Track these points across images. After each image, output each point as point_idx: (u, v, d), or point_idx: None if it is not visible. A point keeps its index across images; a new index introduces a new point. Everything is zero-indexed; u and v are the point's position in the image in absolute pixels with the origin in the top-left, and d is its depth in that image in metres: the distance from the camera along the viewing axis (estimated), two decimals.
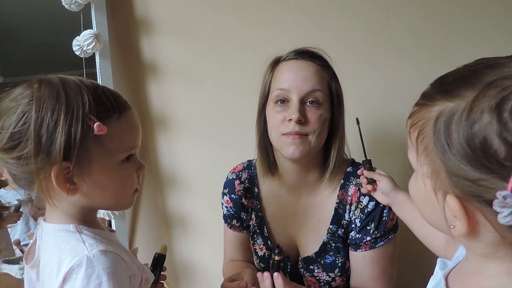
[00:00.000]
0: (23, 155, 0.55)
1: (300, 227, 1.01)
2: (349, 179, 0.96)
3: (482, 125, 0.39)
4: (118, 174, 0.62)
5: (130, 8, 1.41)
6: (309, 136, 0.89)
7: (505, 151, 0.38)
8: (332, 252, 0.97)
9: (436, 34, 1.33)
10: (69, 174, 0.57)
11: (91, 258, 0.55)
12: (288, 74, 0.91)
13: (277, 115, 0.90)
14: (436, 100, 0.44)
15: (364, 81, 1.34)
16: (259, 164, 1.00)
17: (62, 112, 0.55)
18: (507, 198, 0.37)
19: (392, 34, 1.34)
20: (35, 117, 0.55)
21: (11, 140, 0.56)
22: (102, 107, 0.59)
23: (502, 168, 0.38)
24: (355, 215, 0.94)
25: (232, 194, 1.06)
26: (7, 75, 1.57)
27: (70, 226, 0.60)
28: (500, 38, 1.32)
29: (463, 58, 0.48)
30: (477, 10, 1.33)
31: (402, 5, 1.33)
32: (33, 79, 0.59)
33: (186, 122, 1.43)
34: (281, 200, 1.02)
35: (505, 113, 0.38)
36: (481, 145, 0.39)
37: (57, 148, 0.54)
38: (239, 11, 1.39)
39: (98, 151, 0.58)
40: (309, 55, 0.92)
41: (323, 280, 0.99)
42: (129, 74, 1.43)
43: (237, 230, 1.08)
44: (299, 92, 0.88)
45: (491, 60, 0.43)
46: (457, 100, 0.41)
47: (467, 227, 0.42)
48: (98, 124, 0.56)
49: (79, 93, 0.57)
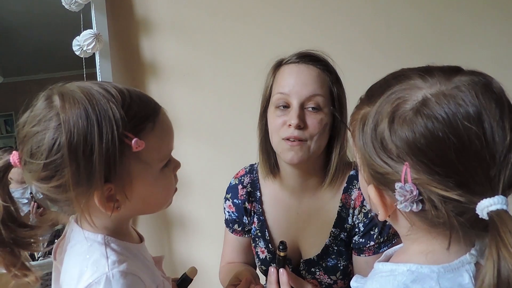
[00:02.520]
0: (62, 184, 0.52)
1: (302, 230, 1.01)
2: (352, 182, 0.95)
3: (381, 128, 0.46)
4: (159, 182, 0.60)
5: (130, 8, 1.41)
6: (308, 141, 0.88)
7: (395, 150, 0.45)
8: (334, 255, 0.96)
9: (436, 35, 1.33)
10: (112, 193, 0.55)
11: (110, 278, 0.53)
12: (288, 78, 0.90)
13: (277, 119, 0.89)
14: (364, 104, 0.52)
15: (363, 82, 1.34)
16: (261, 166, 1.00)
17: (96, 135, 0.51)
18: (401, 188, 0.44)
19: (392, 35, 1.34)
20: (67, 145, 0.50)
21: (47, 170, 0.52)
22: (135, 120, 0.55)
23: (396, 163, 0.45)
24: (358, 219, 0.93)
25: (235, 199, 1.05)
26: (7, 75, 1.57)
27: (99, 236, 0.58)
28: (500, 39, 1.33)
29: (463, 58, 0.49)
30: (476, 10, 1.33)
31: (402, 7, 1.33)
32: (51, 92, 0.54)
33: (186, 122, 1.43)
34: (283, 204, 1.02)
35: (395, 119, 0.45)
36: (381, 145, 0.46)
37: (97, 173, 0.51)
38: (239, 11, 1.39)
39: (137, 166, 0.56)
40: (310, 59, 0.91)
41: (325, 283, 0.99)
42: (129, 74, 1.43)
43: (239, 234, 1.08)
44: (299, 97, 0.87)
45: (401, 72, 0.50)
46: (372, 106, 0.49)
47: (384, 213, 0.50)
48: (136, 140, 0.53)
49: (109, 109, 0.52)
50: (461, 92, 0.43)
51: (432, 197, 0.43)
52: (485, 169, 0.42)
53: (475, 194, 0.42)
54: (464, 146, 0.42)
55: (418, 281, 0.46)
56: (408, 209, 0.45)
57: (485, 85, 0.44)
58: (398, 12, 1.33)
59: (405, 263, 0.49)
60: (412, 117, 0.44)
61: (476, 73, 0.46)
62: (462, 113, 0.42)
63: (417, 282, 0.46)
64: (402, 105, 0.45)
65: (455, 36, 1.32)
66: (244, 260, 1.10)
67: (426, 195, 0.44)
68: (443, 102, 0.43)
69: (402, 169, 0.44)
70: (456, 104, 0.42)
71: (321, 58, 0.93)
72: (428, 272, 0.47)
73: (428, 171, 0.43)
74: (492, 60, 1.32)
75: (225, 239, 1.13)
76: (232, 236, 1.09)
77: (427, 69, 0.48)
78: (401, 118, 0.44)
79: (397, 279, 0.48)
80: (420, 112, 0.43)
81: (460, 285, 0.46)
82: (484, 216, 0.41)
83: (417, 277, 0.47)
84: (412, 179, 0.44)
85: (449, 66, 0.48)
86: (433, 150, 0.43)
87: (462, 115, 0.42)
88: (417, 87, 0.45)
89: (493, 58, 1.32)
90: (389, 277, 0.49)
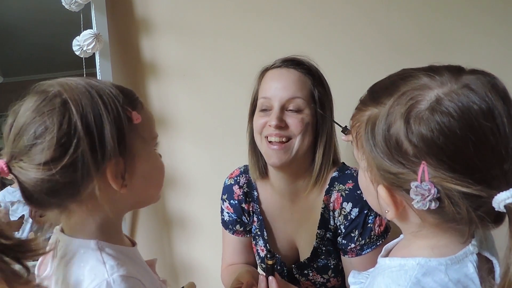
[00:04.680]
0: (76, 159, 0.51)
1: (297, 231, 1.01)
2: (333, 184, 0.95)
3: (395, 128, 0.47)
4: (156, 162, 0.63)
5: (130, 8, 1.41)
6: (292, 139, 0.90)
7: (412, 150, 0.46)
8: (323, 256, 0.97)
9: (427, 39, 1.34)
10: (121, 168, 0.55)
11: (111, 283, 0.51)
12: (270, 82, 0.93)
13: (259, 119, 0.93)
14: (368, 106, 0.52)
15: (367, 76, 1.34)
16: (251, 169, 1.02)
17: (102, 107, 0.53)
18: (418, 188, 0.45)
19: (394, 28, 1.35)
20: (79, 116, 0.51)
21: (58, 146, 0.50)
22: (128, 98, 0.58)
23: (412, 163, 0.46)
24: (339, 221, 0.94)
25: (231, 200, 1.06)
26: (7, 75, 1.56)
27: (91, 242, 0.56)
28: (492, 42, 1.33)
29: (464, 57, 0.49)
30: (467, 15, 1.35)
31: (392, 11, 1.35)
32: (40, 86, 0.54)
33: (186, 122, 1.43)
34: (278, 205, 1.02)
35: (411, 119, 0.45)
36: (395, 145, 0.47)
37: (110, 142, 0.52)
38: (239, 11, 1.39)
39: (138, 141, 0.58)
40: (292, 63, 0.94)
41: (319, 282, 0.99)
42: (129, 74, 1.43)
43: (241, 234, 1.08)
44: (279, 100, 0.90)
45: (407, 72, 0.51)
46: (380, 107, 0.49)
47: (395, 212, 0.51)
48: (135, 112, 0.56)
49: (105, 87, 0.56)
50: (471, 91, 0.45)
51: (450, 194, 0.44)
52: (500, 163, 0.44)
53: (492, 188, 0.43)
54: (481, 141, 0.43)
55: (428, 274, 0.48)
56: (425, 207, 0.45)
57: (492, 83, 0.46)
58: (389, 16, 1.34)
59: (413, 257, 0.50)
60: (428, 116, 0.45)
61: (480, 71, 0.48)
62: (476, 110, 0.44)
63: (428, 275, 0.48)
64: (417, 105, 0.46)
65: (445, 40, 1.33)
66: (245, 260, 1.10)
67: (444, 192, 0.44)
68: (456, 100, 0.44)
69: (418, 169, 0.45)
70: (469, 101, 0.44)
71: (303, 62, 0.94)
72: (436, 265, 0.48)
73: (448, 168, 0.44)
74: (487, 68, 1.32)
75: (224, 241, 1.13)
76: (233, 238, 1.09)
77: (432, 69, 0.49)
78: (418, 118, 0.45)
79: (409, 274, 0.49)
80: (436, 111, 0.44)
81: (466, 275, 0.48)
82: (501, 209, 0.43)
83: (427, 271, 0.48)
84: (429, 178, 0.44)
85: (452, 66, 0.50)
86: (452, 147, 0.44)
87: (477, 112, 0.43)
88: (428, 87, 0.47)
89: (487, 62, 1.33)
90: (400, 272, 0.50)
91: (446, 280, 0.47)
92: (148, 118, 0.62)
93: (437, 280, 0.47)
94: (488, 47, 1.34)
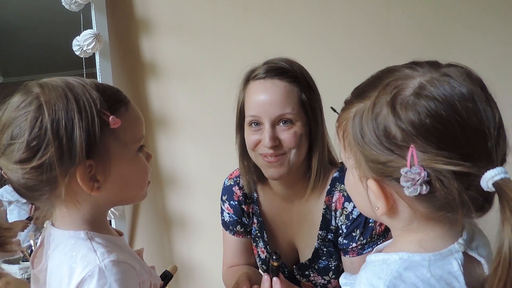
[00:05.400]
0: (44, 162, 0.53)
1: (297, 233, 1.01)
2: (335, 185, 0.95)
3: (382, 116, 0.48)
4: (136, 165, 0.63)
5: (130, 8, 1.41)
6: (287, 154, 0.88)
7: (400, 135, 0.47)
8: (324, 257, 0.97)
9: (441, 27, 1.34)
10: (93, 172, 0.56)
11: (103, 268, 0.54)
12: (256, 98, 0.89)
13: (251, 136, 0.90)
14: (353, 103, 0.54)
15: (367, 76, 1.35)
16: (244, 182, 1.00)
17: (76, 111, 0.54)
18: (407, 173, 0.46)
19: (394, 28, 1.35)
20: (50, 121, 0.53)
21: (29, 149, 0.54)
22: (109, 101, 0.59)
23: (400, 149, 0.47)
24: (341, 221, 0.93)
25: (231, 201, 1.05)
26: (7, 75, 1.57)
27: (81, 233, 0.59)
28: (492, 45, 1.33)
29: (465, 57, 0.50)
30: (467, 16, 1.35)
31: (393, 12, 1.35)
32: (28, 85, 0.58)
33: (186, 122, 1.43)
34: (277, 207, 1.02)
35: (397, 105, 0.47)
36: (383, 132, 0.48)
37: (78, 147, 0.54)
38: (239, 11, 1.39)
39: (115, 145, 0.59)
40: (276, 73, 0.88)
41: (319, 283, 0.99)
42: (129, 74, 1.43)
43: (241, 235, 1.07)
44: (269, 117, 0.86)
45: (391, 67, 0.54)
46: (366, 100, 0.51)
47: (386, 205, 0.51)
48: (113, 117, 0.57)
49: (85, 90, 0.57)
50: (451, 78, 0.48)
51: (440, 176, 0.45)
52: (485, 143, 0.46)
53: (480, 168, 0.45)
54: (465, 122, 0.46)
55: (410, 268, 0.49)
56: (417, 192, 0.46)
57: (468, 73, 0.49)
58: (389, 16, 1.34)
59: (397, 252, 0.51)
60: (414, 100, 0.47)
61: (455, 65, 0.51)
62: (457, 93, 0.46)
63: (410, 269, 0.49)
64: (401, 92, 0.48)
65: (446, 40, 1.34)
66: (246, 262, 1.10)
67: (434, 174, 0.46)
68: (439, 85, 0.47)
69: (407, 154, 0.46)
70: (451, 86, 0.47)
71: (287, 69, 0.89)
72: (419, 260, 0.49)
73: (437, 148, 0.46)
74: (486, 68, 1.32)
75: (224, 243, 1.12)
76: (233, 239, 1.08)
77: (413, 63, 0.52)
78: (403, 103, 0.47)
79: (390, 267, 0.49)
80: (421, 95, 0.47)
81: (449, 272, 0.48)
82: (490, 188, 0.44)
83: (409, 265, 0.49)
84: (418, 162, 0.46)
85: (431, 60, 0.52)
86: (439, 128, 0.46)
87: (458, 96, 0.46)
88: (411, 77, 0.49)
89: (486, 65, 1.33)
90: (382, 266, 0.51)
91: (428, 276, 0.48)
92: (133, 120, 0.62)
93: (419, 275, 0.48)
94: (488, 47, 1.34)
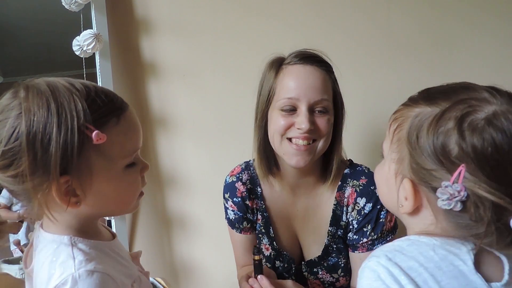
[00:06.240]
0: (19, 173, 0.52)
1: (302, 228, 1.01)
2: (346, 180, 0.96)
3: (446, 128, 0.49)
4: (122, 181, 0.59)
5: (130, 8, 1.41)
6: (317, 141, 0.88)
7: (457, 152, 0.48)
8: (334, 254, 0.97)
9: (441, 27, 1.34)
10: (70, 187, 0.54)
11: (76, 278, 0.53)
12: (296, 81, 0.87)
13: (282, 120, 0.88)
14: (419, 104, 0.55)
15: (368, 76, 1.34)
16: (258, 167, 0.98)
17: (55, 125, 0.51)
18: (448, 187, 0.47)
19: (394, 27, 1.35)
20: (26, 133, 0.51)
21: (4, 158, 0.52)
22: (98, 113, 0.55)
23: (451, 164, 0.49)
24: (352, 216, 0.94)
25: (234, 198, 1.04)
26: (7, 75, 1.56)
27: (65, 237, 0.57)
28: (494, 46, 1.33)
29: (457, 65, 0.50)
30: (470, 17, 1.34)
31: (400, 12, 1.35)
32: (17, 86, 0.55)
33: (186, 122, 1.43)
34: (283, 200, 1.02)
35: (465, 124, 0.48)
36: (441, 144, 0.49)
37: (52, 163, 0.51)
38: (239, 10, 1.39)
39: (99, 160, 0.55)
40: (314, 60, 0.90)
41: (327, 281, 0.99)
42: (129, 74, 1.43)
43: (248, 232, 1.06)
44: (308, 101, 0.86)
45: (469, 84, 0.54)
46: (434, 107, 0.52)
47: (412, 206, 0.54)
48: (97, 133, 0.53)
49: (71, 100, 0.53)
50: None
51: (478, 201, 0.47)
52: None
53: None
54: None
55: (413, 245, 0.51)
56: (450, 207, 0.47)
57: None
58: (390, 16, 1.34)
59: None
60: (483, 126, 0.48)
61: None
62: None
63: (413, 245, 0.51)
64: (474, 114, 0.49)
65: (446, 40, 1.33)
66: None
67: (473, 198, 0.47)
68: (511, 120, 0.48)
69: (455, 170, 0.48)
70: None
71: (323, 59, 0.92)
72: (426, 241, 0.51)
73: (487, 177, 0.47)
74: (486, 67, 1.33)
75: (233, 242, 1.11)
76: (241, 237, 1.07)
77: (494, 88, 0.53)
78: (472, 125, 0.48)
79: (394, 244, 0.53)
80: (492, 124, 0.48)
81: (456, 254, 0.50)
82: None
83: (414, 242, 0.52)
84: (462, 181, 0.47)
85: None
86: (497, 160, 0.47)
87: None
88: (488, 102, 0.50)
89: (487, 65, 1.33)
90: (388, 244, 0.54)
91: (431, 254, 0.49)
92: (124, 133, 0.58)
93: (422, 252, 0.50)
94: (488, 47, 1.33)
